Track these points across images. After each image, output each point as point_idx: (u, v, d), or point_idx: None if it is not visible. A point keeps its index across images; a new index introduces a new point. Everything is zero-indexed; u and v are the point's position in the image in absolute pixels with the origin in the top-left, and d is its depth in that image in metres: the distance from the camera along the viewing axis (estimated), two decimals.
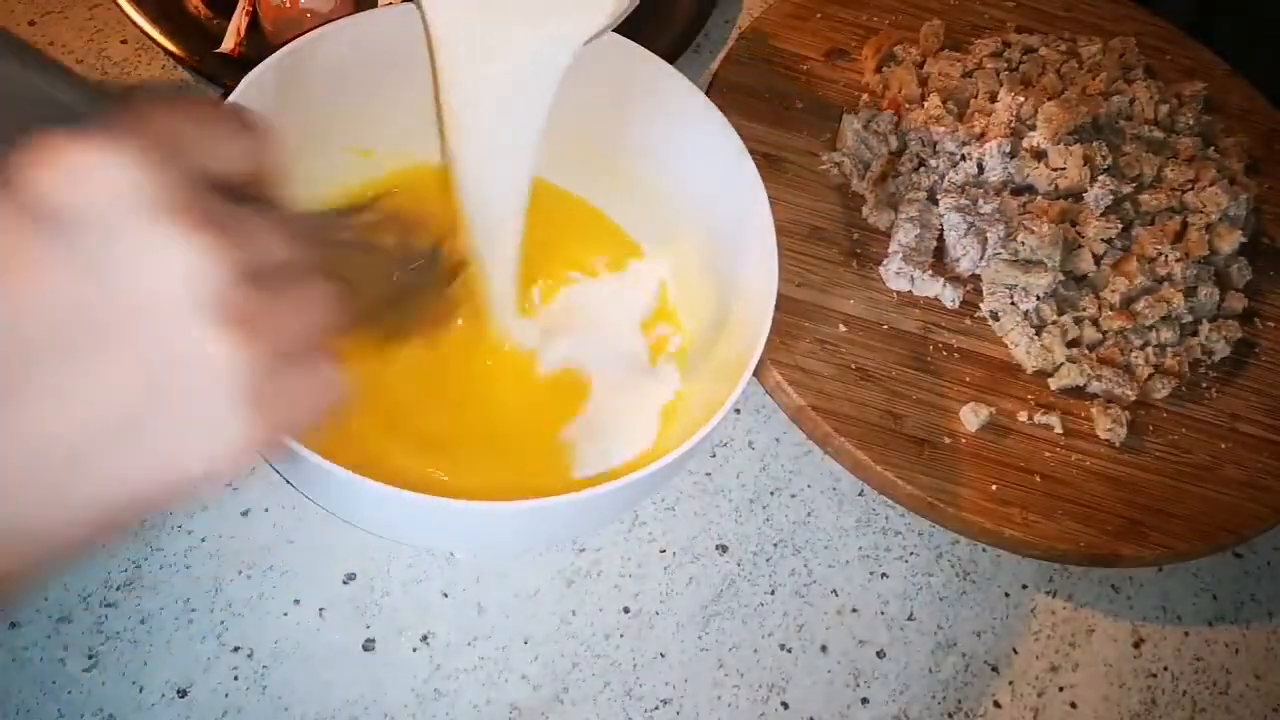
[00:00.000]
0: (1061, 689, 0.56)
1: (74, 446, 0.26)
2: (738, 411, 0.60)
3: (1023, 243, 0.61)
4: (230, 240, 0.27)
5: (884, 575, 0.57)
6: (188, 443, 0.27)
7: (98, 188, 0.25)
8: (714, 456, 0.59)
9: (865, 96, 0.69)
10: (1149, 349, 0.62)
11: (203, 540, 0.52)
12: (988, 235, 0.62)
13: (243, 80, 0.49)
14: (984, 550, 0.59)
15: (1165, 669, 0.58)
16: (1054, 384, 0.61)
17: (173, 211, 0.26)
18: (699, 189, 0.57)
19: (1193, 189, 0.67)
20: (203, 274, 0.26)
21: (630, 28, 0.55)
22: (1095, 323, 0.62)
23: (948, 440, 0.58)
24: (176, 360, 0.26)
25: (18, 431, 0.26)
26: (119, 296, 0.26)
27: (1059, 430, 0.59)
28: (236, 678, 0.49)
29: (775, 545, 0.57)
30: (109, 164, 0.25)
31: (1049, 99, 0.66)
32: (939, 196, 0.64)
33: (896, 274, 0.62)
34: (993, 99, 0.67)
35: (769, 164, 0.65)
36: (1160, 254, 0.63)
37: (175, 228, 0.26)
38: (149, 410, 0.26)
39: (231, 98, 0.48)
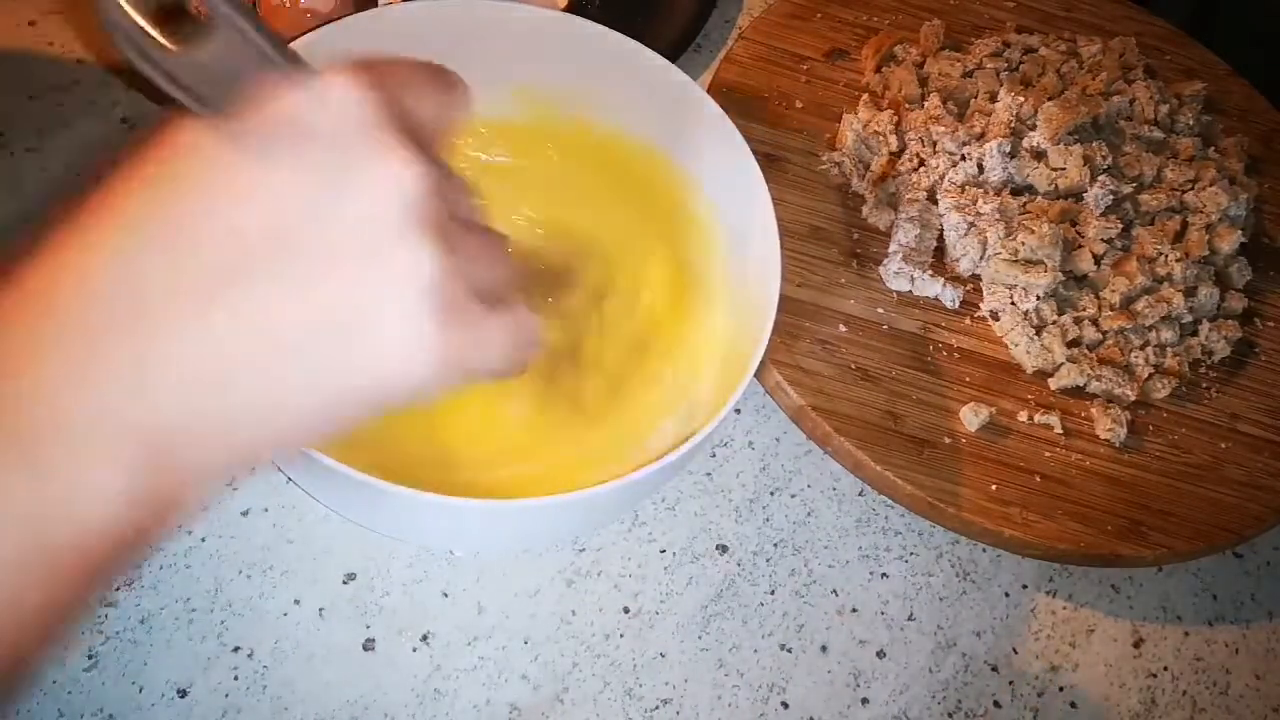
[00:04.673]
0: (1061, 689, 0.56)
1: (293, 340, 0.28)
2: (738, 411, 0.60)
3: (1023, 243, 0.61)
4: (438, 173, 0.29)
5: (884, 575, 0.57)
6: (390, 350, 0.29)
7: (331, 108, 0.28)
8: (714, 456, 0.59)
9: (865, 96, 0.69)
10: (1149, 349, 0.62)
11: (203, 540, 0.52)
12: (988, 235, 0.62)
13: None
14: (984, 550, 0.59)
15: (1165, 669, 0.58)
16: (1054, 384, 0.61)
17: (391, 133, 0.29)
18: (701, 188, 0.57)
19: (1193, 189, 0.67)
20: (416, 190, 0.29)
21: (631, 28, 0.56)
22: (1095, 323, 0.62)
23: (948, 440, 0.58)
24: (387, 265, 0.29)
25: (248, 316, 0.28)
26: (342, 201, 0.28)
27: (1059, 430, 0.59)
28: (236, 678, 0.49)
29: (775, 545, 0.57)
30: (339, 89, 0.29)
31: (1049, 99, 0.66)
32: (939, 196, 0.64)
33: (896, 274, 0.62)
34: (993, 99, 0.67)
35: (769, 164, 0.64)
36: (1160, 254, 0.63)
37: (394, 147, 0.29)
38: (360, 312, 0.29)
39: None
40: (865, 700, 0.54)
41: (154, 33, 0.27)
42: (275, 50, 0.29)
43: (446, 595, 0.53)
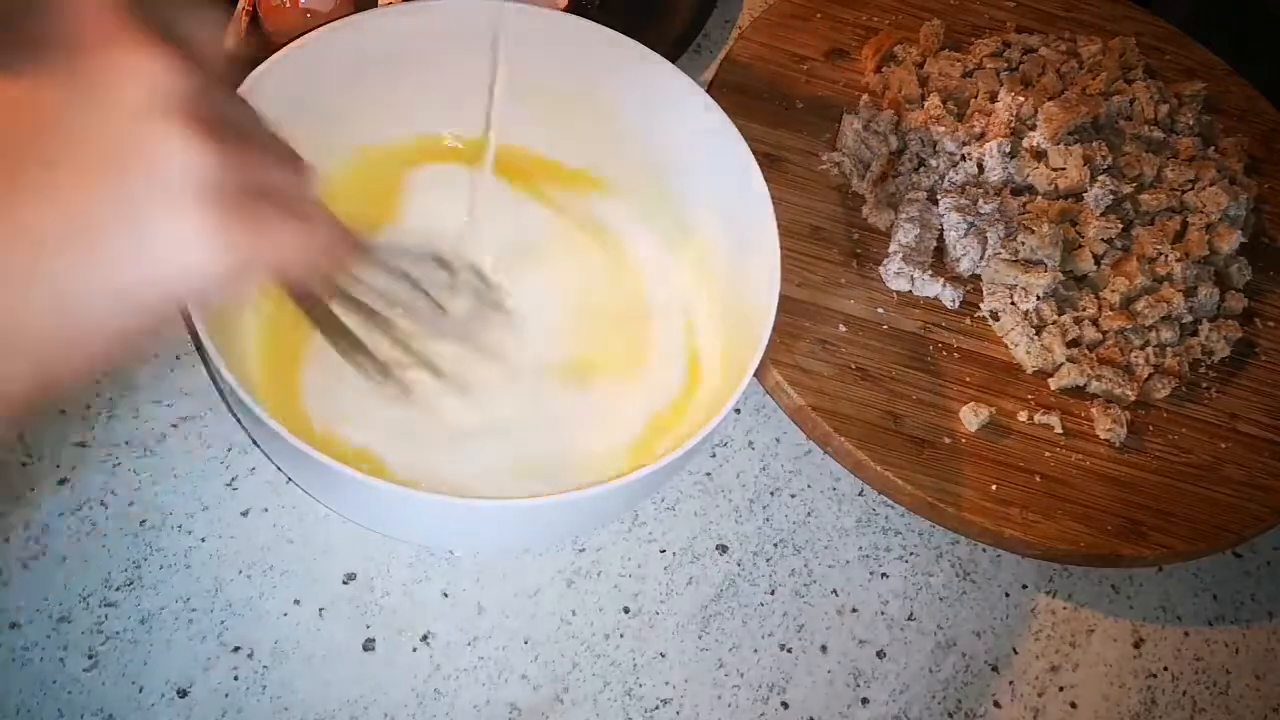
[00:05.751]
0: (1061, 689, 0.56)
1: (65, 242, 0.28)
2: (738, 411, 0.60)
3: (1023, 243, 0.61)
4: (203, 77, 0.29)
5: (884, 575, 0.57)
6: (167, 241, 0.28)
7: (82, 16, 0.28)
8: (714, 456, 0.59)
9: (865, 96, 0.69)
10: (1149, 349, 0.62)
11: (203, 540, 0.52)
12: (988, 235, 0.62)
13: (244, 80, 0.49)
14: (984, 550, 0.59)
15: (1165, 669, 0.58)
16: (1054, 384, 0.61)
17: (142, 31, 0.28)
18: (701, 189, 0.57)
19: (1193, 189, 0.67)
20: (172, 84, 0.28)
21: (631, 28, 0.56)
22: (1095, 323, 0.62)
23: (948, 440, 0.58)
24: (150, 158, 0.28)
25: (17, 225, 0.27)
26: (97, 101, 0.28)
27: (1059, 430, 0.59)
28: (236, 678, 0.49)
29: (775, 545, 0.57)
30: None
31: (1049, 99, 0.66)
32: (939, 196, 0.64)
33: (896, 274, 0.62)
34: (993, 99, 0.67)
35: (769, 164, 0.64)
36: (1160, 254, 0.63)
37: (144, 43, 0.28)
38: (129, 208, 0.28)
39: None
40: (865, 700, 0.54)
41: None
42: None
43: (446, 595, 0.53)
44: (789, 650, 0.54)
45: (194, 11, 0.31)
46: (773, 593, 0.56)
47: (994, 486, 0.57)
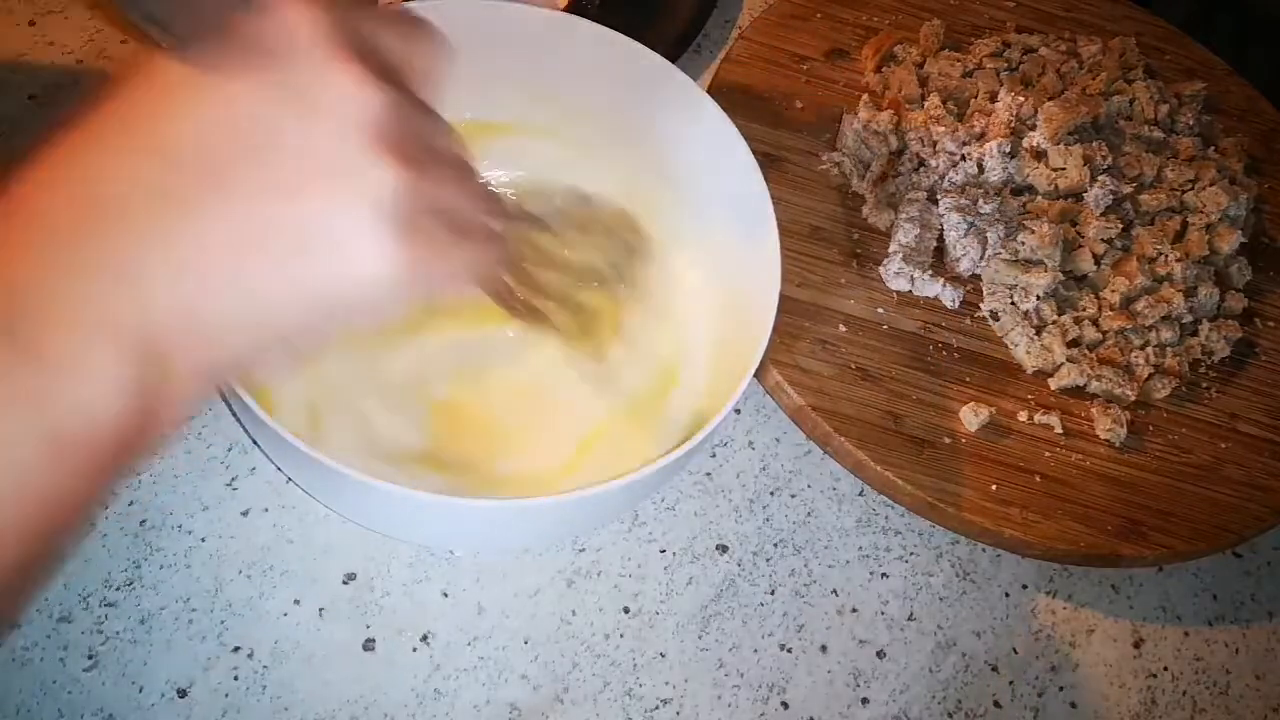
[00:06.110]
0: (1061, 689, 0.56)
1: (264, 246, 0.30)
2: (738, 411, 0.60)
3: (1023, 243, 0.61)
4: (401, 99, 0.31)
5: (884, 575, 0.57)
6: (355, 258, 0.31)
7: (289, 31, 0.30)
8: (714, 456, 0.59)
9: (865, 96, 0.69)
10: (1149, 349, 0.62)
11: (203, 540, 0.52)
12: (988, 235, 0.62)
13: None
14: (984, 550, 0.59)
15: (1165, 669, 0.58)
16: (1054, 384, 0.61)
17: (346, 55, 0.30)
18: (701, 188, 0.57)
19: (1193, 189, 0.67)
20: (372, 110, 0.30)
21: (631, 28, 0.56)
22: (1095, 323, 0.62)
23: (948, 440, 0.58)
24: (346, 179, 0.30)
25: (222, 222, 0.30)
26: (303, 117, 0.30)
27: (1059, 430, 0.59)
28: (236, 678, 0.49)
29: (775, 545, 0.57)
30: (296, 12, 0.30)
31: (1049, 99, 0.66)
32: (939, 196, 0.64)
33: (896, 274, 0.62)
34: (993, 99, 0.67)
35: (769, 164, 0.64)
36: (1160, 254, 0.63)
37: (347, 69, 0.30)
38: (322, 223, 0.30)
39: None
40: (865, 700, 0.54)
41: None
42: None
43: (446, 595, 0.53)
44: (789, 650, 0.54)
45: (395, 27, 0.34)
46: (773, 593, 0.56)
47: (994, 486, 0.57)
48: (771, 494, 0.58)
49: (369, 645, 0.51)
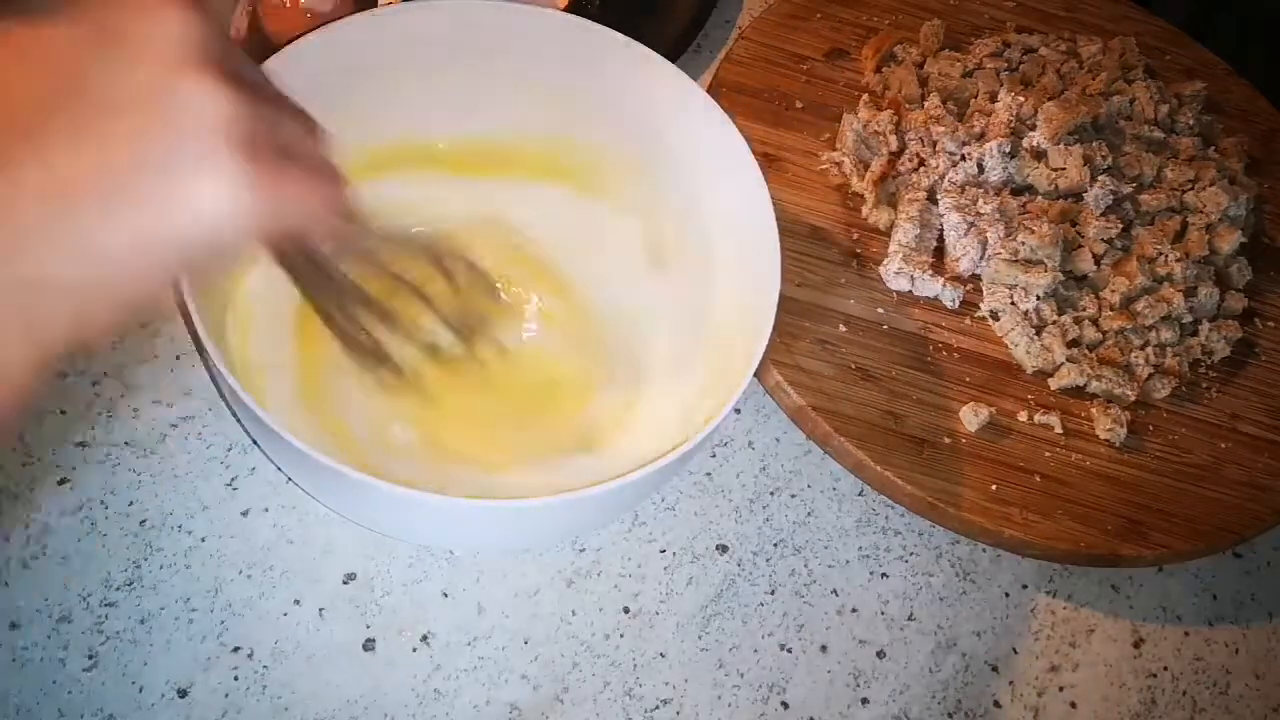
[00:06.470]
0: (1061, 689, 0.56)
1: (94, 188, 0.28)
2: (738, 411, 0.60)
3: (1023, 243, 0.61)
4: (224, 39, 0.30)
5: (884, 575, 0.57)
6: (197, 188, 0.28)
7: None
8: (714, 456, 0.59)
9: (865, 96, 0.69)
10: (1149, 349, 0.62)
11: (203, 540, 0.52)
12: (988, 235, 0.62)
13: None
14: (984, 550, 0.59)
15: (1165, 669, 0.58)
16: (1054, 384, 0.61)
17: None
18: (701, 188, 0.57)
19: (1193, 189, 0.67)
20: (194, 34, 0.29)
21: (631, 28, 0.56)
22: (1095, 323, 0.62)
23: (948, 440, 0.58)
24: (176, 106, 0.28)
25: (44, 169, 0.27)
26: (122, 51, 0.28)
27: (1059, 430, 0.59)
28: (236, 678, 0.49)
29: (775, 545, 0.57)
30: None
31: (1049, 99, 0.66)
32: (939, 196, 0.64)
33: (896, 274, 0.62)
34: (993, 99, 0.67)
35: (769, 164, 0.65)
36: (1160, 254, 0.63)
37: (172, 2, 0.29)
38: (159, 154, 0.28)
39: None
40: (865, 700, 0.54)
41: None
42: None
43: (446, 595, 0.53)
44: (789, 650, 0.54)
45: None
46: (773, 593, 0.56)
47: (994, 486, 0.57)
48: (771, 494, 0.58)
49: (369, 645, 0.51)
